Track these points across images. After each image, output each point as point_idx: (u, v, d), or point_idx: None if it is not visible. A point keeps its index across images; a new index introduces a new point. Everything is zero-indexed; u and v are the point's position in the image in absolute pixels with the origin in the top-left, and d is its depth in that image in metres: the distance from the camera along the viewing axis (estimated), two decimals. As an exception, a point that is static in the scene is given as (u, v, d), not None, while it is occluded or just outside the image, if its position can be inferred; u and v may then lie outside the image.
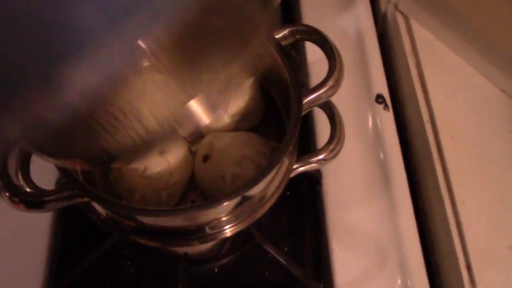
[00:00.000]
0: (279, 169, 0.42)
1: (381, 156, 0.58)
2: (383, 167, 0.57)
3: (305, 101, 0.43)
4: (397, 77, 0.66)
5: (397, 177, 0.56)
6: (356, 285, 0.50)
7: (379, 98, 0.61)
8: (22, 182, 0.44)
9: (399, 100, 0.65)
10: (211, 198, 0.37)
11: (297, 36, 0.46)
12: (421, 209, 0.58)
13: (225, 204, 0.37)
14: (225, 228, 0.42)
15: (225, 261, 0.54)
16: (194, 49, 0.28)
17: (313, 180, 0.56)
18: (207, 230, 0.42)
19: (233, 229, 0.43)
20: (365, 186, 0.56)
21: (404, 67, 0.63)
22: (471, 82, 0.59)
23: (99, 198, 0.37)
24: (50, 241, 0.52)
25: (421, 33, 0.63)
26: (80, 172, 0.44)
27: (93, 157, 0.30)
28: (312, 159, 0.46)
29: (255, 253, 0.54)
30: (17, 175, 0.44)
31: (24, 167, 0.44)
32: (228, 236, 0.42)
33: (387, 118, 0.60)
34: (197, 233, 0.42)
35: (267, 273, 0.54)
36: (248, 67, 0.50)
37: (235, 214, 0.42)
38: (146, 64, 0.25)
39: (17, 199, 0.39)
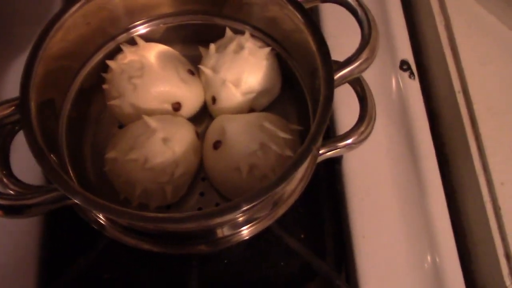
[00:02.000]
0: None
1: (407, 130, 0.53)
2: (410, 143, 0.52)
3: (336, 76, 0.36)
4: (422, 39, 0.59)
5: (425, 153, 0.51)
6: (382, 277, 0.46)
7: (404, 65, 0.55)
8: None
9: (425, 66, 0.58)
10: (230, 202, 0.31)
11: (324, -3, 0.38)
12: (450, 188, 0.53)
13: (245, 208, 0.31)
14: (241, 229, 0.36)
15: (234, 250, 0.49)
16: None
17: (332, 159, 0.50)
18: (219, 233, 0.36)
19: (252, 230, 0.37)
20: (390, 164, 0.51)
21: (431, 28, 0.57)
22: (509, 46, 0.53)
23: (95, 203, 0.31)
24: (39, 239, 0.44)
25: (450, -13, 0.56)
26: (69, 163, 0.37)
27: None
28: (339, 144, 0.40)
29: (267, 241, 0.49)
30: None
31: (3, 153, 0.37)
32: (245, 238, 0.36)
33: (413, 88, 0.55)
34: (207, 236, 0.36)
35: (282, 263, 0.49)
36: (264, 33, 0.43)
37: (254, 212, 0.36)
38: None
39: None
